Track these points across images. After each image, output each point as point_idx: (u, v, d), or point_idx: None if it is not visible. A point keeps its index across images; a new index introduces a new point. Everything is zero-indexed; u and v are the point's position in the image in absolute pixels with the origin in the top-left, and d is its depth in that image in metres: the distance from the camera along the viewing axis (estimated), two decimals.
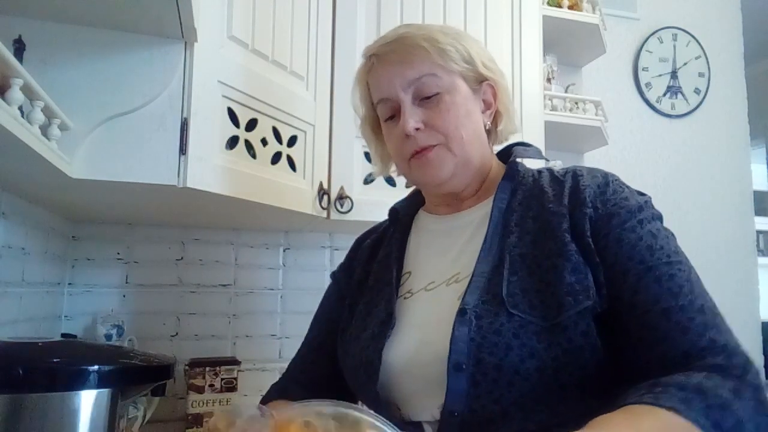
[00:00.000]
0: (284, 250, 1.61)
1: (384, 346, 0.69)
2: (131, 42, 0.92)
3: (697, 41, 2.29)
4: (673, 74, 2.24)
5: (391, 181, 1.38)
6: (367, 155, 1.36)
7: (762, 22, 2.71)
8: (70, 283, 1.40)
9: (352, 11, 1.38)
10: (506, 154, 0.83)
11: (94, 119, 0.90)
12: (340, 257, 1.68)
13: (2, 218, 1.00)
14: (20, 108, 0.67)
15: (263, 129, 1.15)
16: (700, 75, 2.28)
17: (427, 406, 0.65)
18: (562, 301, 0.61)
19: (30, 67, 0.71)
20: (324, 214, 1.31)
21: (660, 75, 2.23)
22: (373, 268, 0.83)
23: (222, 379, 1.35)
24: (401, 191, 1.39)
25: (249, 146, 1.12)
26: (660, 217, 0.69)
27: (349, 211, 1.31)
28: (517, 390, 0.59)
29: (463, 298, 0.65)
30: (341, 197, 1.31)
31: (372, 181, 1.36)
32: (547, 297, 0.62)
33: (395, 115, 0.76)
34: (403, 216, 0.86)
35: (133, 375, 0.75)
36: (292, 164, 1.24)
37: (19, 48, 0.80)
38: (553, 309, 0.61)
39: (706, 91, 2.28)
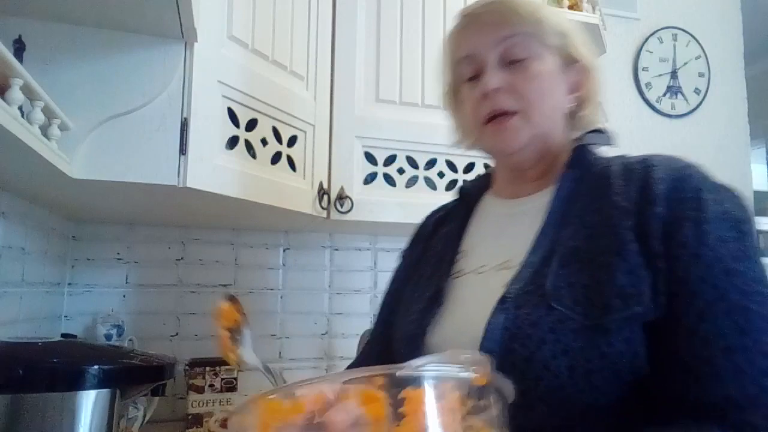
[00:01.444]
0: (284, 250, 1.61)
1: (429, 323, 0.69)
2: (131, 42, 0.92)
3: (697, 41, 2.29)
4: (673, 74, 2.24)
5: (391, 181, 1.38)
6: (367, 155, 1.37)
7: (762, 22, 2.71)
8: (70, 283, 1.40)
9: (352, 11, 1.38)
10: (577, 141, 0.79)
11: (94, 119, 0.90)
12: (340, 257, 1.70)
13: (2, 218, 1.00)
14: (20, 108, 0.67)
15: (263, 129, 1.15)
16: (700, 75, 2.28)
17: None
18: (609, 303, 0.56)
19: (30, 67, 0.71)
20: (324, 214, 1.31)
21: (660, 75, 2.23)
22: (433, 243, 0.83)
23: (222, 379, 1.35)
24: (401, 191, 1.39)
25: (249, 146, 1.12)
26: (748, 231, 0.59)
27: (349, 211, 1.31)
28: (545, 385, 0.57)
29: (507, 287, 0.63)
30: (341, 197, 1.31)
31: (372, 181, 1.37)
32: (593, 295, 0.58)
33: (477, 76, 0.72)
34: (469, 195, 0.84)
35: (133, 375, 0.75)
36: (292, 164, 1.24)
37: (19, 48, 0.80)
38: (597, 308, 0.57)
39: (706, 91, 2.28)
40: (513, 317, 0.60)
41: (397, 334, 0.76)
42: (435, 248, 0.81)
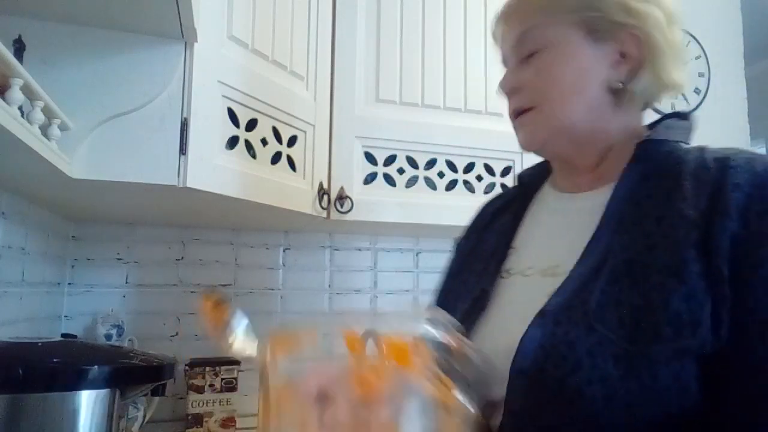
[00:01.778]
0: (284, 250, 1.61)
1: (471, 327, 0.65)
2: (131, 42, 0.92)
3: (697, 41, 2.29)
4: None
5: (391, 181, 1.38)
6: (367, 155, 1.37)
7: (762, 22, 2.71)
8: (70, 283, 1.40)
9: (352, 11, 1.38)
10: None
11: (94, 119, 0.90)
12: (340, 257, 1.70)
13: (2, 218, 1.00)
14: (20, 108, 0.67)
15: (263, 129, 1.15)
16: (700, 75, 2.28)
17: (497, 396, 0.60)
18: (659, 330, 0.49)
19: (30, 67, 0.71)
20: (324, 214, 1.31)
21: None
22: (487, 236, 0.77)
23: (222, 379, 1.35)
24: (401, 191, 1.39)
25: (249, 146, 1.12)
26: None
27: (349, 211, 1.31)
28: (577, 412, 0.51)
29: (549, 299, 0.58)
30: (341, 197, 1.31)
31: (372, 181, 1.37)
32: (642, 318, 0.51)
33: None
34: (526, 184, 0.77)
35: (133, 375, 0.75)
36: (292, 164, 1.24)
37: (19, 48, 0.80)
38: (645, 334, 0.50)
39: (706, 91, 2.28)
40: (550, 334, 0.55)
41: None
42: (488, 241, 0.75)
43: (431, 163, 1.42)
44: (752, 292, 0.48)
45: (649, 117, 0.70)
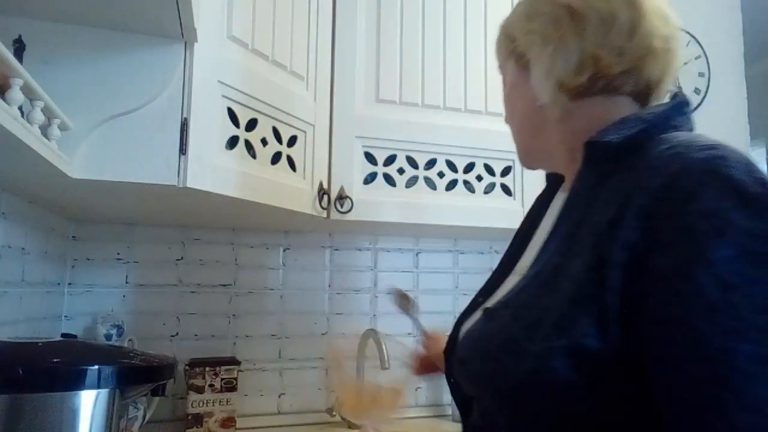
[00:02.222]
0: (284, 250, 1.61)
1: (466, 318, 0.71)
2: (131, 42, 0.92)
3: (697, 41, 2.29)
4: None
5: (391, 181, 1.38)
6: (367, 155, 1.37)
7: (762, 22, 2.71)
8: (70, 283, 1.40)
9: (352, 11, 1.38)
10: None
11: (94, 119, 0.90)
12: (340, 257, 1.70)
13: (2, 218, 1.00)
14: (20, 108, 0.68)
15: (263, 129, 1.15)
16: (700, 75, 2.28)
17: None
18: (541, 329, 0.52)
19: (30, 67, 0.71)
20: (324, 214, 1.31)
21: None
22: (515, 237, 0.80)
23: (222, 379, 1.35)
24: (401, 191, 1.39)
25: (249, 146, 1.12)
26: (752, 251, 0.43)
27: (349, 211, 1.31)
28: (497, 398, 0.57)
29: (502, 297, 0.62)
30: (341, 197, 1.31)
31: (372, 181, 1.37)
32: (536, 320, 0.53)
33: None
34: (549, 183, 0.79)
35: (133, 375, 0.75)
36: (292, 164, 1.24)
37: (19, 48, 0.80)
38: (535, 332, 0.52)
39: (706, 91, 2.28)
40: (482, 329, 0.61)
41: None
42: (512, 241, 0.79)
43: (431, 163, 1.42)
44: (651, 303, 0.45)
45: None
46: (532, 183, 1.47)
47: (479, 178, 1.45)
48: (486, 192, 1.46)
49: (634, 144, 0.55)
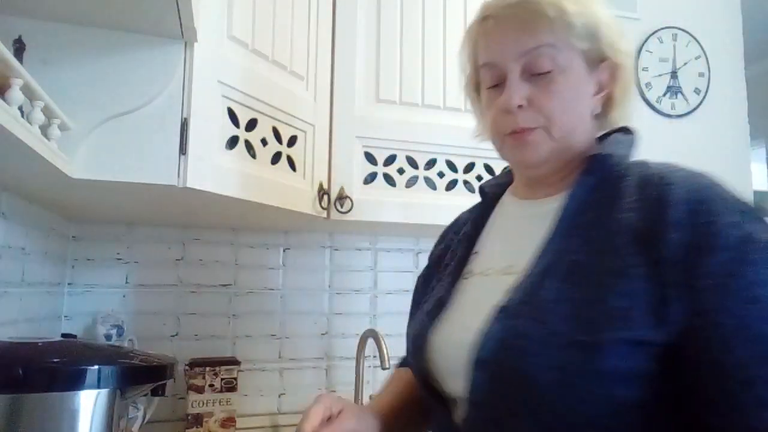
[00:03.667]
0: (284, 250, 1.61)
1: (432, 324, 0.71)
2: (131, 42, 0.92)
3: (697, 41, 2.29)
4: (673, 74, 2.24)
5: (391, 181, 1.38)
6: (367, 155, 1.37)
7: (762, 22, 2.71)
8: (70, 283, 1.40)
9: (352, 11, 1.38)
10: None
11: (94, 119, 0.90)
12: (340, 257, 1.70)
13: (2, 218, 1.00)
14: (20, 108, 0.67)
15: (263, 129, 1.15)
16: (700, 75, 2.28)
17: (460, 389, 0.65)
18: (598, 322, 0.55)
19: (30, 67, 0.71)
20: (324, 214, 1.31)
21: (660, 75, 2.23)
22: (453, 245, 0.83)
23: (222, 379, 1.35)
24: (401, 191, 1.39)
25: (249, 146, 1.12)
26: None
27: (349, 211, 1.31)
28: (537, 399, 0.56)
29: (507, 295, 0.63)
30: (341, 197, 1.31)
31: (372, 181, 1.37)
32: (585, 312, 0.56)
33: (499, 84, 0.69)
34: (488, 194, 0.83)
35: (133, 375, 0.75)
36: (292, 164, 1.24)
37: (19, 48, 0.80)
38: (588, 326, 0.55)
39: (706, 91, 2.28)
40: (507, 328, 0.60)
41: (408, 332, 0.78)
42: (453, 250, 0.81)
43: (431, 163, 1.42)
44: (701, 296, 0.54)
45: None
46: None
47: (479, 178, 1.45)
48: None
49: (618, 162, 0.67)
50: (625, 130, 0.74)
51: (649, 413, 0.56)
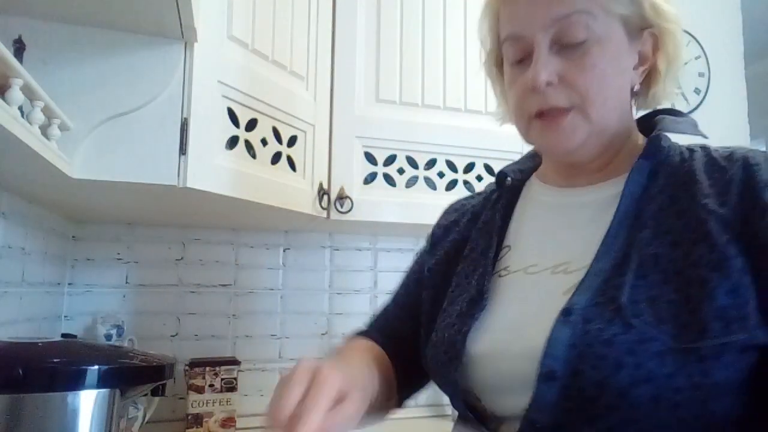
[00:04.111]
0: (284, 250, 1.61)
1: (470, 328, 0.59)
2: (131, 42, 0.92)
3: (697, 41, 2.29)
4: None
5: (391, 181, 1.38)
6: (367, 155, 1.37)
7: (762, 22, 2.71)
8: (70, 283, 1.40)
9: (352, 11, 1.38)
10: (648, 123, 0.66)
11: (94, 119, 0.90)
12: (340, 257, 1.70)
13: (2, 218, 1.00)
14: (20, 108, 0.67)
15: (263, 129, 1.15)
16: (700, 75, 2.28)
17: (509, 406, 0.56)
18: (706, 325, 0.48)
19: (30, 67, 0.71)
20: (324, 214, 1.31)
21: None
22: (472, 235, 0.71)
23: (222, 379, 1.35)
24: (401, 191, 1.39)
25: (249, 146, 1.12)
26: None
27: (349, 211, 1.31)
28: (619, 416, 0.48)
29: (571, 296, 0.54)
30: (341, 197, 1.31)
31: (372, 181, 1.37)
32: (684, 314, 0.49)
33: (525, 59, 0.60)
34: (513, 181, 0.72)
35: (133, 375, 0.75)
36: (292, 164, 1.24)
37: (19, 48, 0.80)
38: (691, 330, 0.48)
39: (706, 91, 2.28)
40: (582, 333, 0.50)
41: (433, 337, 0.66)
42: (474, 242, 0.70)
43: (431, 163, 1.42)
44: None
45: None
46: None
47: (479, 178, 1.45)
48: None
49: (674, 145, 0.62)
50: (675, 112, 0.66)
51: (742, 430, 0.50)
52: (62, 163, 0.83)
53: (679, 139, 0.64)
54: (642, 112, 0.69)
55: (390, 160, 1.39)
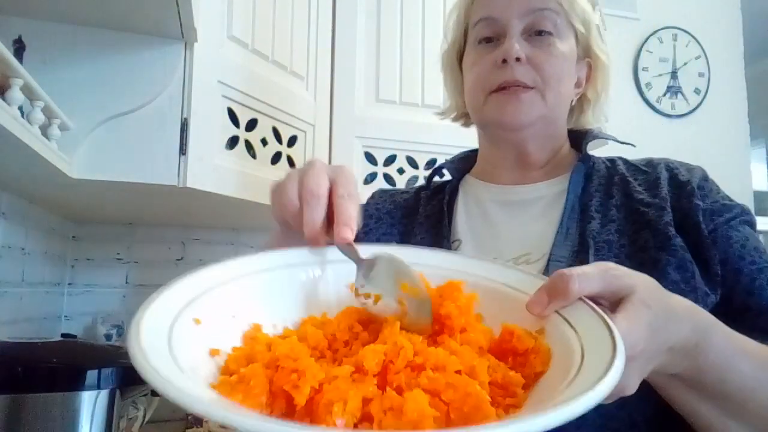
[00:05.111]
0: None
1: None
2: (131, 42, 0.92)
3: (697, 41, 2.29)
4: (673, 74, 2.24)
5: (391, 181, 1.38)
6: (367, 155, 1.37)
7: (762, 22, 2.71)
8: (70, 283, 1.40)
9: (352, 11, 1.38)
10: (573, 136, 0.74)
11: (94, 119, 0.90)
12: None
13: (2, 218, 1.00)
14: (20, 108, 0.68)
15: (263, 129, 1.15)
16: (700, 75, 2.28)
17: None
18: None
19: (30, 67, 0.71)
20: None
21: (660, 75, 2.23)
22: (415, 229, 0.73)
23: None
24: None
25: (249, 146, 1.12)
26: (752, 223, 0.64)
27: None
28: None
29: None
30: None
31: (372, 181, 1.37)
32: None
33: (494, 39, 0.67)
34: (451, 177, 0.78)
35: (133, 375, 0.75)
36: (292, 164, 1.24)
37: (19, 48, 0.80)
38: None
39: (706, 91, 2.28)
40: None
41: None
42: (419, 236, 0.72)
43: (431, 163, 1.42)
44: (719, 250, 0.59)
45: None
46: None
47: None
48: None
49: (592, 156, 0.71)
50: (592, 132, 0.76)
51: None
52: (62, 163, 0.83)
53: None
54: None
55: (390, 160, 1.39)
